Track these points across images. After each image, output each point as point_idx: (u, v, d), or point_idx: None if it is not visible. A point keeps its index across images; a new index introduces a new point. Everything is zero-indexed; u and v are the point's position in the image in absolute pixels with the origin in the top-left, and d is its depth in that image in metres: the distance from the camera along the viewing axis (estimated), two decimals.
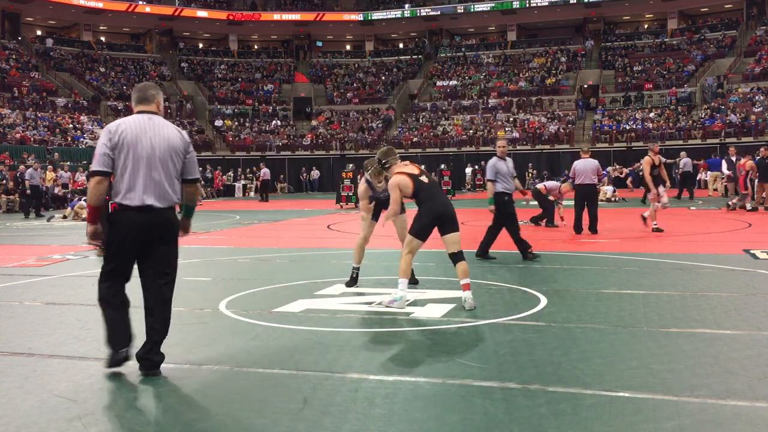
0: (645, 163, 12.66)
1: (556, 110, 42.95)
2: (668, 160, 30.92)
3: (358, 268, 7.14)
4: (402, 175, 6.08)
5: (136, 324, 4.30)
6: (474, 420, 3.37)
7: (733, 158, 18.45)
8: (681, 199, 23.37)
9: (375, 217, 7.20)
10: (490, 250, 9.43)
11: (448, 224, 6.02)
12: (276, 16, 51.66)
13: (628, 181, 31.88)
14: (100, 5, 46.42)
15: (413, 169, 6.18)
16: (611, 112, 41.96)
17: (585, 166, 12.45)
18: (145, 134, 4.21)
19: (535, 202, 15.64)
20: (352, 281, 7.12)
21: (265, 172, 29.47)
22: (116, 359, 4.15)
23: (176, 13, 49.55)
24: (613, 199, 24.00)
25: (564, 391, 3.75)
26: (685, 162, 25.64)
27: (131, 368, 4.32)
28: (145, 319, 4.23)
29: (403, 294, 5.94)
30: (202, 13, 50.52)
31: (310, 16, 52.16)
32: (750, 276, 7.47)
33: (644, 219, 12.93)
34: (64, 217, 19.34)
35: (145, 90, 4.41)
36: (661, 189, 12.39)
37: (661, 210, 12.77)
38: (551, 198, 15.15)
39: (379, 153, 6.50)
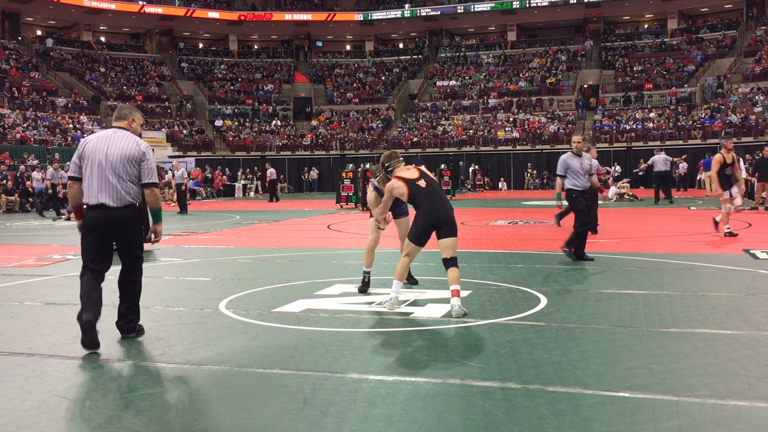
0: (715, 162, 11.64)
1: (556, 110, 42.96)
2: (675, 159, 30.96)
3: (369, 272, 6.98)
4: (398, 180, 6.04)
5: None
6: (474, 420, 3.37)
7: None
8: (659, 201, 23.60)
9: None
10: (585, 251, 9.04)
11: (446, 229, 5.93)
12: (277, 16, 51.70)
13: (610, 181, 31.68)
14: (104, 5, 46.42)
15: (413, 173, 6.08)
16: (611, 112, 41.97)
17: None
18: (103, 145, 4.98)
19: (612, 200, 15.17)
20: (365, 286, 6.95)
21: (271, 172, 29.48)
22: (81, 323, 4.74)
23: (188, 14, 49.73)
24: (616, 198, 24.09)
25: (564, 391, 3.75)
26: (654, 160, 25.76)
27: (131, 368, 4.33)
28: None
29: (395, 295, 5.92)
30: (213, 14, 50.74)
31: (310, 16, 52.18)
32: (750, 276, 7.47)
33: (716, 223, 11.96)
34: (68, 218, 19.30)
35: (121, 109, 5.24)
36: (734, 190, 11.46)
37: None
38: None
39: (383, 157, 6.43)
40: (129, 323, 5.09)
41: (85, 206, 4.96)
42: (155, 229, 5.12)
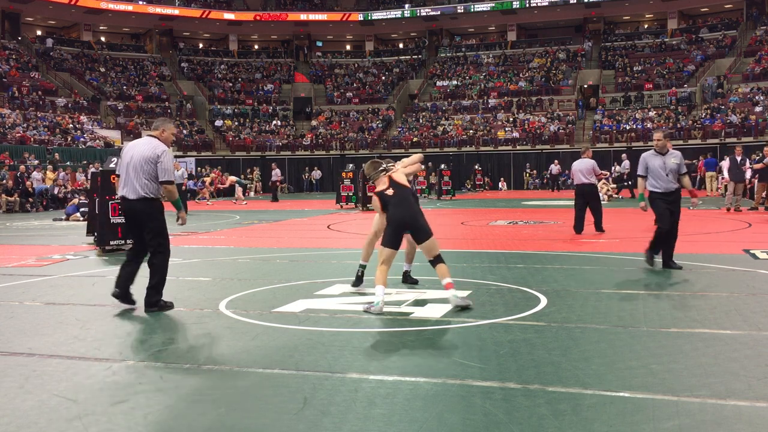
0: None
1: (556, 110, 42.97)
2: (693, 161, 30.96)
3: (364, 267, 7.01)
4: (375, 195, 6.35)
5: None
6: (474, 420, 3.37)
7: (738, 158, 18.41)
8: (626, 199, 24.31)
9: None
10: (674, 257, 8.24)
11: (417, 233, 6.07)
12: (276, 17, 51.76)
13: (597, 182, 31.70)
14: (103, 5, 46.46)
15: (383, 183, 6.28)
16: (611, 112, 41.98)
17: (579, 166, 12.47)
18: (132, 149, 6.18)
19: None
20: (358, 281, 6.99)
21: (276, 173, 29.72)
22: (114, 293, 6.17)
23: (204, 16, 49.98)
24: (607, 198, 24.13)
25: (564, 391, 3.75)
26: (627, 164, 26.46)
27: (131, 369, 4.33)
28: None
29: (380, 299, 5.91)
30: (229, 15, 50.97)
31: (310, 16, 52.19)
32: (750, 276, 7.47)
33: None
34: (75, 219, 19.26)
35: (157, 121, 6.39)
36: None
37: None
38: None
39: (366, 169, 6.56)
40: (150, 297, 6.08)
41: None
42: (179, 216, 6.35)
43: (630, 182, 26.05)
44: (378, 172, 6.40)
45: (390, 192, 6.19)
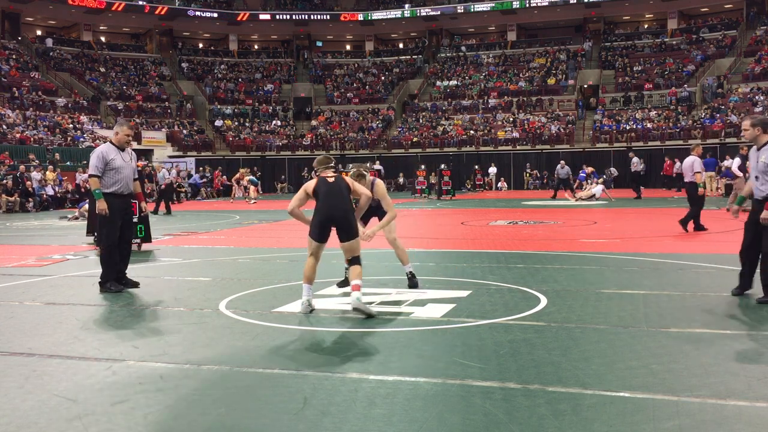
0: None
1: (556, 110, 42.97)
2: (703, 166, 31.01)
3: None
4: (315, 178, 6.11)
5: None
6: (474, 420, 3.37)
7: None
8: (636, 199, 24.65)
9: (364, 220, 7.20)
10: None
11: (340, 232, 5.91)
12: (267, 16, 51.76)
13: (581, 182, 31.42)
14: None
15: (329, 174, 6.05)
16: (611, 112, 41.97)
17: (683, 165, 12.60)
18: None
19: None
20: (345, 282, 7.00)
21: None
22: (105, 288, 7.14)
23: (242, 18, 50.38)
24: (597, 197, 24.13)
25: (564, 391, 3.75)
26: (635, 161, 26.58)
27: (131, 369, 4.33)
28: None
29: (306, 299, 5.86)
30: (264, 16, 51.13)
31: (310, 16, 52.20)
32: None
33: None
34: (76, 217, 19.29)
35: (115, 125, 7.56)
36: None
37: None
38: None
39: (315, 162, 6.35)
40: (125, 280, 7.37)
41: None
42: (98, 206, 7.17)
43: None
44: (326, 166, 6.18)
45: (331, 180, 5.97)
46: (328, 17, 52.37)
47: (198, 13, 49.66)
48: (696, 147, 12.97)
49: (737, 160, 19.09)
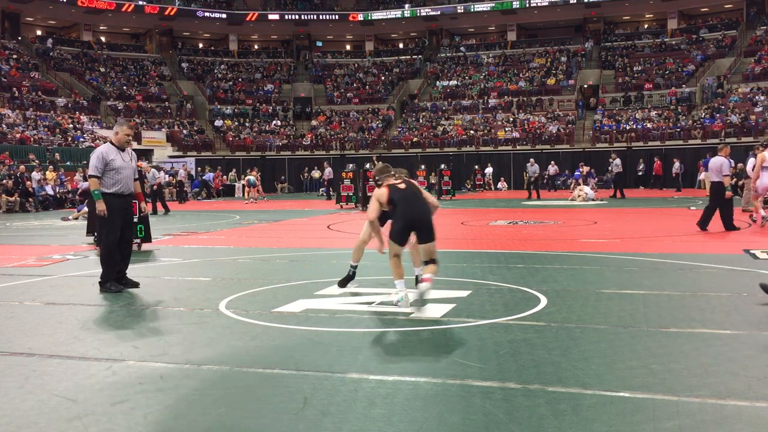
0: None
1: (556, 110, 42.97)
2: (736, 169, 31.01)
3: (356, 267, 7.07)
4: (383, 187, 6.27)
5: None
6: (474, 420, 3.37)
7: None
8: (616, 199, 25.07)
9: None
10: None
11: (425, 233, 6.03)
12: (276, 16, 51.77)
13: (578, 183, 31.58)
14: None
15: (397, 180, 6.31)
16: (611, 112, 41.97)
17: (711, 164, 12.44)
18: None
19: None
20: (347, 280, 7.03)
21: (329, 172, 30.53)
22: (105, 288, 7.15)
23: (250, 19, 50.35)
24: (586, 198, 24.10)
25: (564, 391, 3.75)
26: (617, 163, 26.87)
27: (131, 369, 4.33)
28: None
29: (404, 293, 5.95)
30: (273, 16, 51.12)
31: (309, 16, 52.21)
32: (750, 276, 7.46)
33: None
34: (76, 218, 19.29)
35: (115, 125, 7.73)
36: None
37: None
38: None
39: (375, 171, 6.64)
40: (125, 279, 7.37)
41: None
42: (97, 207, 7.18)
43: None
44: (387, 175, 6.41)
45: (402, 186, 6.19)
46: (331, 17, 52.37)
47: (207, 14, 49.79)
48: (724, 147, 12.87)
49: (751, 161, 19.05)
